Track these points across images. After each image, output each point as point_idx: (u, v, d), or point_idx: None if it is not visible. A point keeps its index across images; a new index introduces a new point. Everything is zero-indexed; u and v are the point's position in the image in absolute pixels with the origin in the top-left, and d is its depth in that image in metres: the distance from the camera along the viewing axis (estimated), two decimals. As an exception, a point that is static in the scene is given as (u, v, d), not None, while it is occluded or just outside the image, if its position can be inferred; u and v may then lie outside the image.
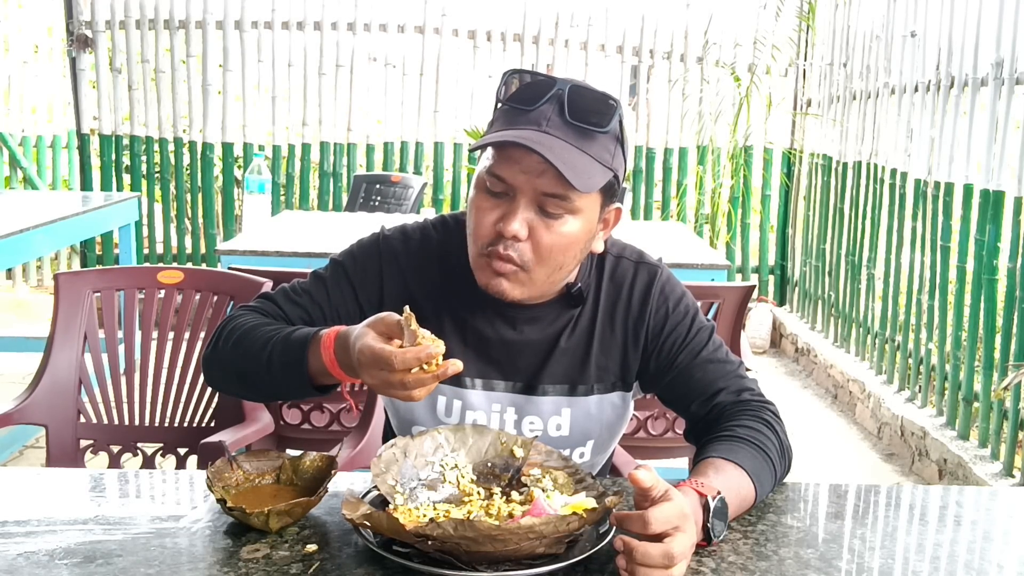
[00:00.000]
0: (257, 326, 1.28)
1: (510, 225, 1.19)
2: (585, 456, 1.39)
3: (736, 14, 5.59)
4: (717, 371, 1.34)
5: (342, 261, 1.36)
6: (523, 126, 1.19)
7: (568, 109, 1.19)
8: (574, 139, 1.19)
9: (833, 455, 3.91)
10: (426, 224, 1.39)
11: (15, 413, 1.93)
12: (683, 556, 0.98)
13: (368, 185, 4.85)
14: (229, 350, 1.28)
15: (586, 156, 1.19)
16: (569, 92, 1.20)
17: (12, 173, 6.09)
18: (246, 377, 1.28)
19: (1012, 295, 3.20)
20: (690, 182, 5.78)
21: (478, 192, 1.24)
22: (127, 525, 1.12)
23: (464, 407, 1.34)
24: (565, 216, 1.21)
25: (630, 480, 1.00)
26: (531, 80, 1.22)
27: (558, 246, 1.22)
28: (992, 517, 1.28)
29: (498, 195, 1.21)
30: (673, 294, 1.37)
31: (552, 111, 1.19)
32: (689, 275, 2.95)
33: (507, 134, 1.18)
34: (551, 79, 1.21)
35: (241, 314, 1.33)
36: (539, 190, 1.19)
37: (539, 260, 1.22)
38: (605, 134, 1.21)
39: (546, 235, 1.21)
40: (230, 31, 5.60)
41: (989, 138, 3.38)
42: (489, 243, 1.22)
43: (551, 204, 1.20)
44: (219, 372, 1.32)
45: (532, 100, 1.20)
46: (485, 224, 1.22)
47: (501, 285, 1.24)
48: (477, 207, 1.23)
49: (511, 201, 1.20)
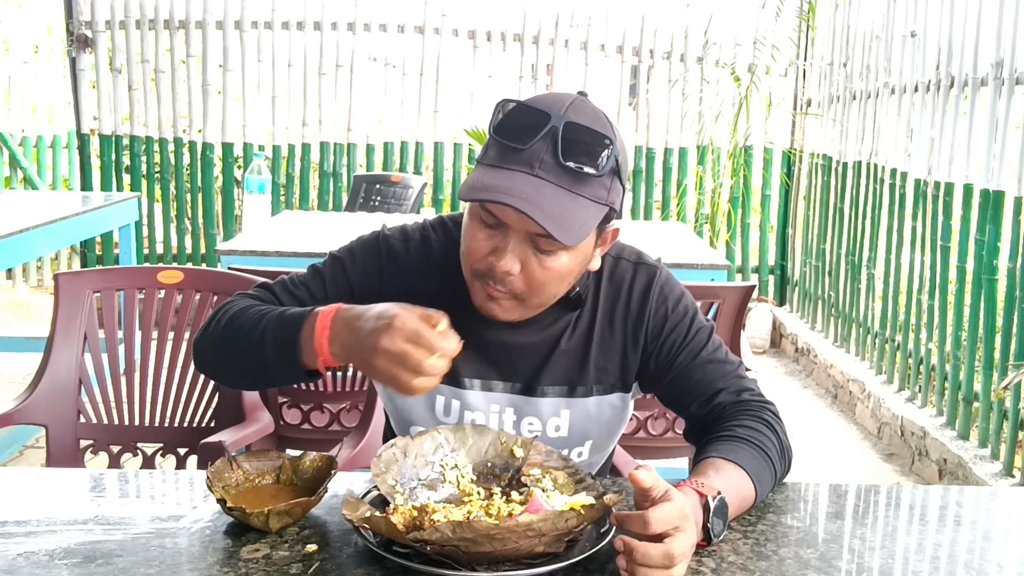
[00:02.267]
0: (251, 306, 1.27)
1: (501, 262, 1.18)
2: (583, 456, 1.39)
3: (736, 14, 5.59)
4: (717, 371, 1.34)
5: (341, 257, 1.36)
6: (515, 166, 1.16)
7: (562, 151, 1.15)
8: (568, 182, 1.16)
9: (833, 455, 3.91)
10: (425, 225, 1.38)
11: (15, 413, 1.93)
12: (683, 556, 0.98)
13: (368, 185, 4.85)
14: (221, 329, 1.26)
15: (580, 200, 1.17)
16: (564, 130, 1.16)
17: (12, 173, 6.09)
18: (235, 356, 1.25)
19: (1012, 295, 3.20)
20: (690, 182, 5.78)
21: (471, 219, 1.22)
22: (127, 525, 1.12)
23: (463, 407, 1.34)
24: (558, 252, 1.20)
25: (630, 480, 1.00)
26: (526, 112, 1.19)
27: (551, 279, 1.22)
28: (992, 517, 1.28)
29: (491, 227, 1.20)
30: (672, 294, 1.36)
31: (545, 151, 1.16)
32: (689, 275, 2.95)
33: (497, 186, 1.14)
34: (545, 114, 1.17)
35: (236, 299, 1.32)
36: (531, 231, 1.17)
37: (532, 291, 1.22)
38: (600, 177, 1.18)
39: (539, 270, 1.20)
40: (230, 31, 5.60)
41: (989, 138, 3.38)
42: (482, 271, 1.22)
43: (543, 243, 1.18)
44: (209, 353, 1.30)
45: (525, 137, 1.17)
46: (476, 252, 1.21)
47: (493, 310, 1.24)
48: (471, 235, 1.22)
49: (503, 235, 1.19)
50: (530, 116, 1.18)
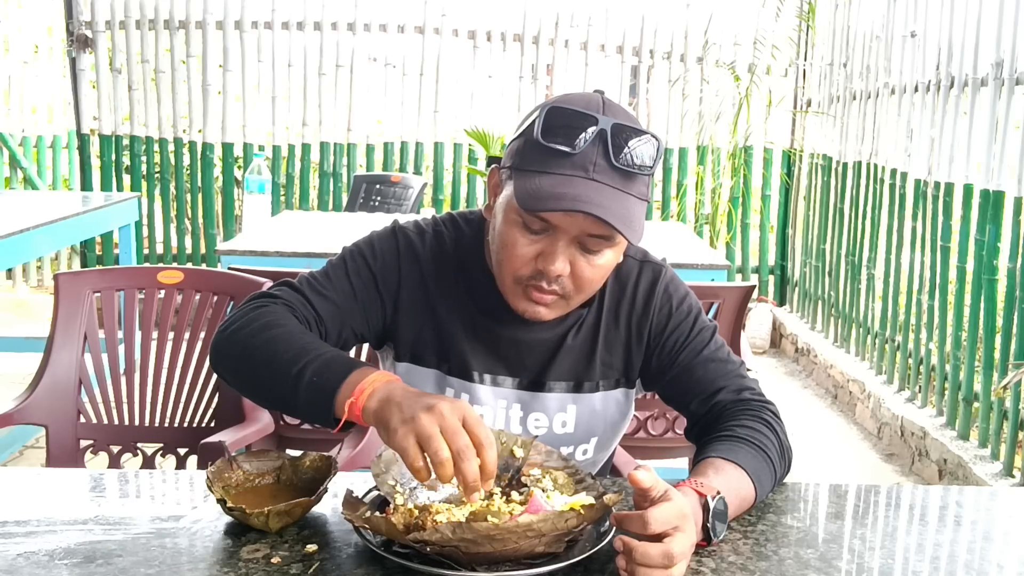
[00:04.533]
0: (283, 323, 1.21)
1: (554, 265, 1.18)
2: (588, 453, 1.40)
3: (736, 14, 5.59)
4: (718, 370, 1.34)
5: (361, 249, 1.34)
6: (569, 171, 1.15)
7: (614, 153, 1.16)
8: (620, 183, 1.17)
9: (833, 455, 3.91)
10: (437, 220, 1.39)
11: (15, 413, 1.93)
12: (683, 556, 0.98)
13: (368, 185, 4.85)
14: (250, 340, 1.20)
15: (631, 199, 1.18)
16: (612, 132, 1.16)
17: (12, 173, 6.09)
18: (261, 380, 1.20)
19: (1012, 295, 3.20)
20: (690, 182, 5.78)
21: (512, 227, 1.20)
22: (127, 525, 1.12)
23: (472, 402, 1.35)
24: (605, 251, 1.21)
25: (630, 481, 1.00)
26: (570, 115, 1.17)
27: (599, 276, 1.24)
28: (992, 517, 1.28)
29: (536, 232, 1.19)
30: (677, 293, 1.38)
31: (597, 154, 1.16)
32: (689, 275, 2.93)
33: (564, 194, 1.13)
34: (592, 116, 1.16)
35: (264, 304, 1.26)
36: (584, 232, 1.18)
37: (579, 290, 1.23)
38: (647, 176, 1.20)
39: (587, 269, 1.21)
40: (230, 31, 5.60)
41: (989, 138, 3.38)
42: (529, 276, 1.21)
43: (593, 243, 1.19)
44: (229, 360, 1.24)
45: (574, 140, 1.16)
46: (522, 257, 1.21)
47: (539, 312, 1.24)
48: (513, 241, 1.20)
49: (551, 238, 1.19)
50: (575, 119, 1.17)
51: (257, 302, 1.27)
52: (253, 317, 1.23)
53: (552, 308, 1.25)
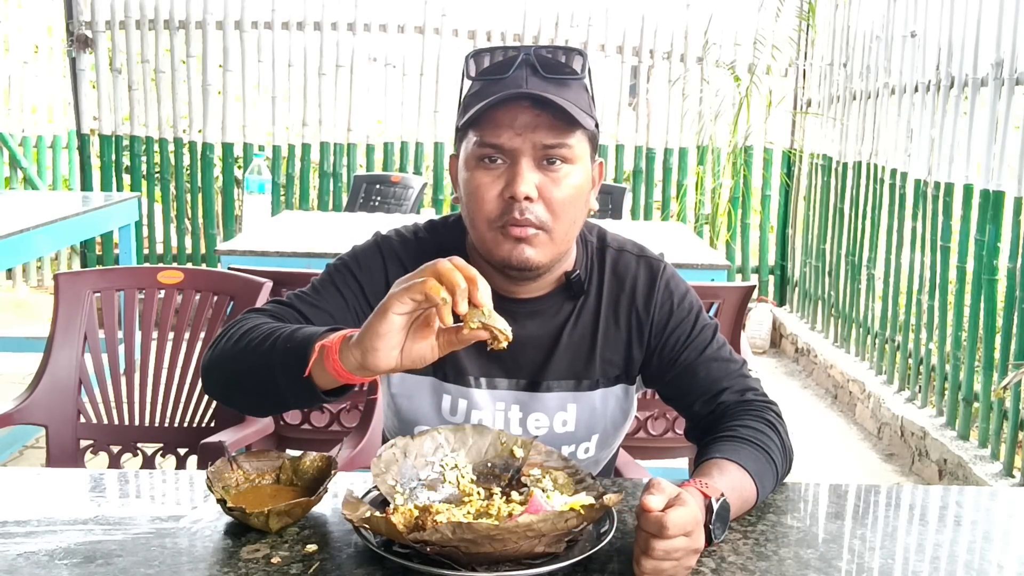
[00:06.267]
0: (263, 323, 1.21)
1: (519, 187, 1.20)
2: (590, 452, 1.39)
3: (736, 14, 5.59)
4: (721, 370, 1.34)
5: (346, 262, 1.35)
6: (504, 89, 1.21)
7: (541, 67, 1.23)
8: (555, 91, 1.21)
9: (833, 455, 3.91)
10: (416, 227, 1.39)
11: (15, 413, 1.93)
12: (695, 555, 1.00)
13: (368, 185, 4.85)
14: (231, 347, 1.20)
15: (568, 102, 1.22)
16: (535, 53, 1.24)
17: (12, 173, 6.09)
18: (243, 374, 1.18)
19: (1012, 295, 3.20)
20: (690, 182, 5.78)
21: (474, 170, 1.24)
22: (127, 525, 1.12)
23: (470, 406, 1.34)
24: (565, 166, 1.23)
25: (642, 506, 0.99)
26: (495, 52, 1.26)
27: (568, 198, 1.24)
28: (992, 517, 1.28)
29: (495, 165, 1.22)
30: (678, 290, 1.37)
31: (528, 73, 1.23)
32: (689, 275, 2.91)
33: (499, 95, 1.20)
34: (514, 47, 1.25)
35: (246, 316, 1.27)
36: (537, 144, 1.21)
37: (555, 217, 1.23)
38: (579, 81, 1.25)
39: (555, 190, 1.23)
40: (230, 31, 5.60)
41: (989, 138, 3.38)
42: (501, 214, 1.22)
43: (551, 155, 1.22)
44: (217, 373, 1.23)
45: (504, 68, 1.24)
46: (490, 198, 1.23)
47: (524, 252, 1.24)
48: (477, 184, 1.23)
49: (512, 166, 1.22)
50: (499, 53, 1.26)
51: (239, 317, 1.27)
52: (232, 334, 1.22)
53: (537, 248, 1.24)
